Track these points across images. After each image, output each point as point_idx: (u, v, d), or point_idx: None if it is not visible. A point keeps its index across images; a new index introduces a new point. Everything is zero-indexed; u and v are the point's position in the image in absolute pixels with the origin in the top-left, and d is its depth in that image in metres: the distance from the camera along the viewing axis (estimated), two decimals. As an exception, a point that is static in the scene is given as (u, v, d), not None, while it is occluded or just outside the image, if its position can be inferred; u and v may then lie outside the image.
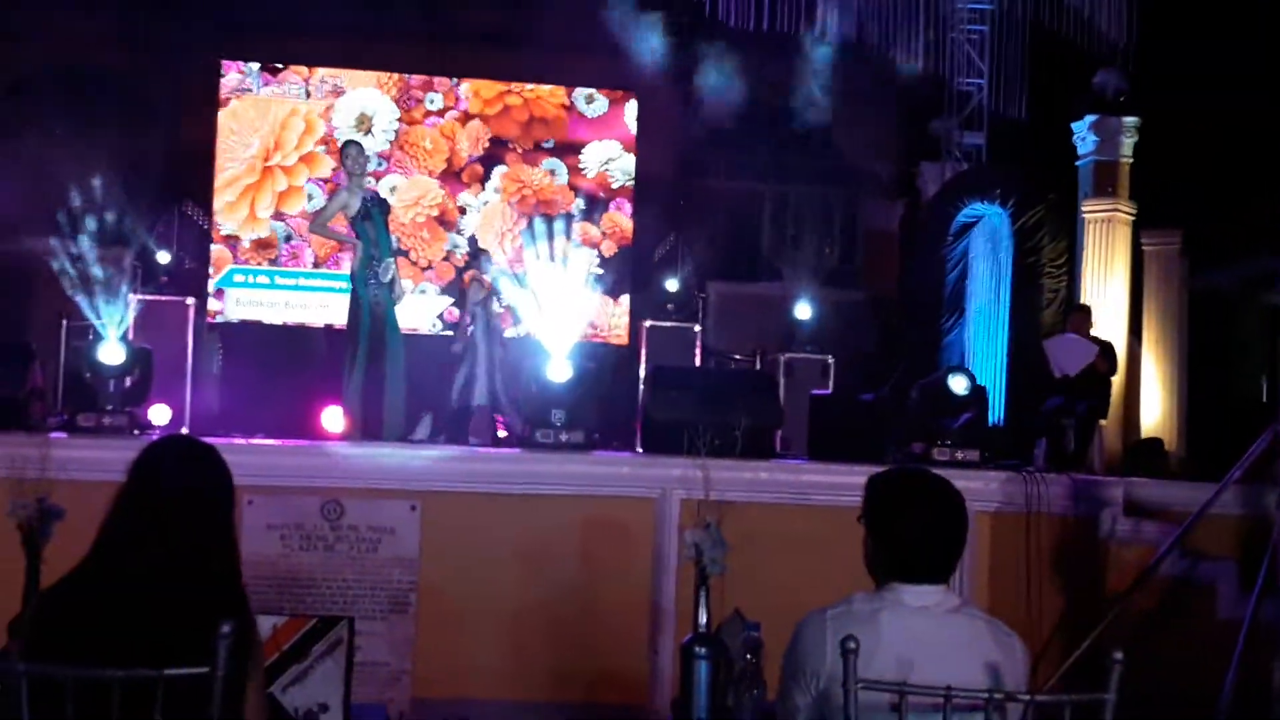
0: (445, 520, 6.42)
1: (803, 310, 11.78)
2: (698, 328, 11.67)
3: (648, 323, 11.66)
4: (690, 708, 4.31)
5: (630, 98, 13.42)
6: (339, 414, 7.71)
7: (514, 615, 6.45)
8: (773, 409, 8.04)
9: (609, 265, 13.24)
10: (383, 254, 8.23)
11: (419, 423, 9.30)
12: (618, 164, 13.40)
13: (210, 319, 12.30)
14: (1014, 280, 11.74)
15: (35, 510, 4.41)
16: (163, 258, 11.23)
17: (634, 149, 13.47)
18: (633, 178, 13.45)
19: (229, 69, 12.95)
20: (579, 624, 6.40)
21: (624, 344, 12.93)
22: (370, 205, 8.27)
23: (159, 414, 7.98)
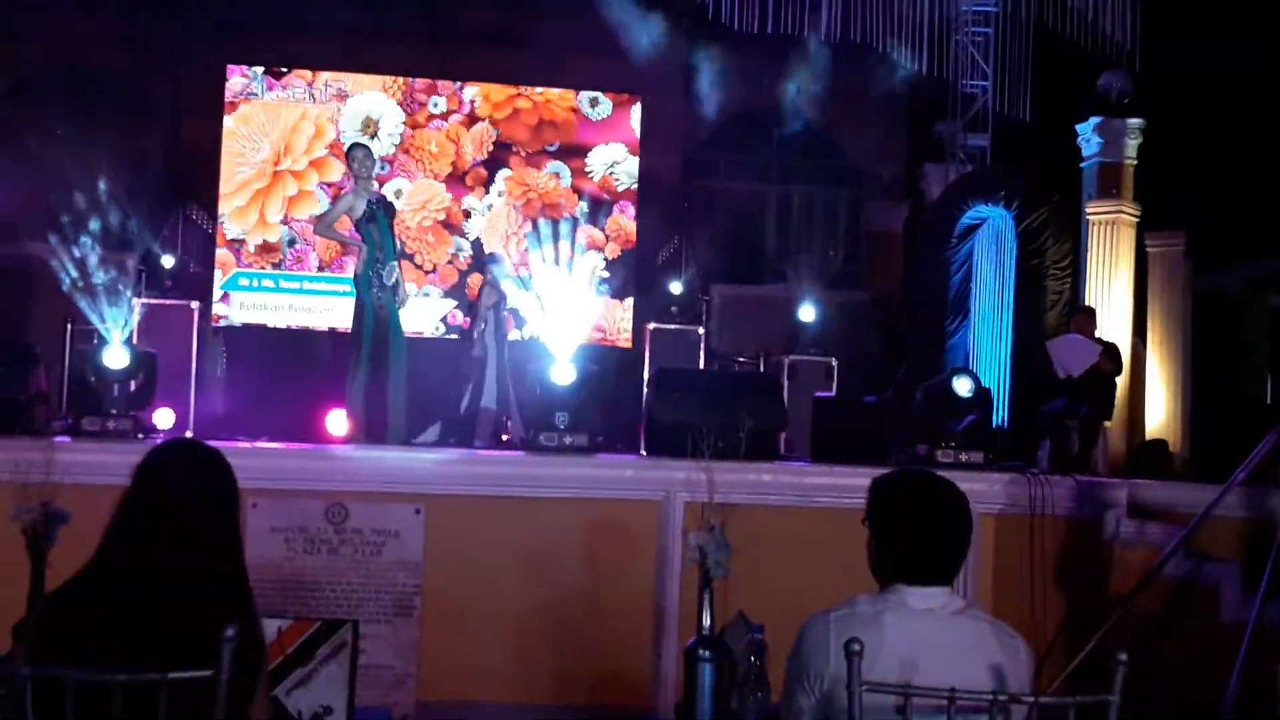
0: (449, 523, 6.42)
1: (806, 312, 11.78)
2: (701, 330, 11.67)
3: (651, 325, 11.66)
4: (694, 710, 4.32)
5: (635, 101, 13.42)
6: (343, 417, 7.72)
7: (518, 618, 6.44)
8: (776, 411, 8.04)
9: (613, 268, 13.25)
10: (387, 257, 8.23)
11: (427, 430, 9.30)
12: (623, 167, 13.40)
13: (214, 322, 12.31)
14: (1018, 282, 11.71)
15: (40, 514, 4.43)
16: (167, 261, 11.24)
17: (637, 152, 13.47)
18: (636, 180, 13.45)
19: (233, 73, 12.95)
20: (583, 627, 6.40)
21: (628, 346, 12.93)
22: (375, 208, 8.27)
23: (163, 418, 7.99)
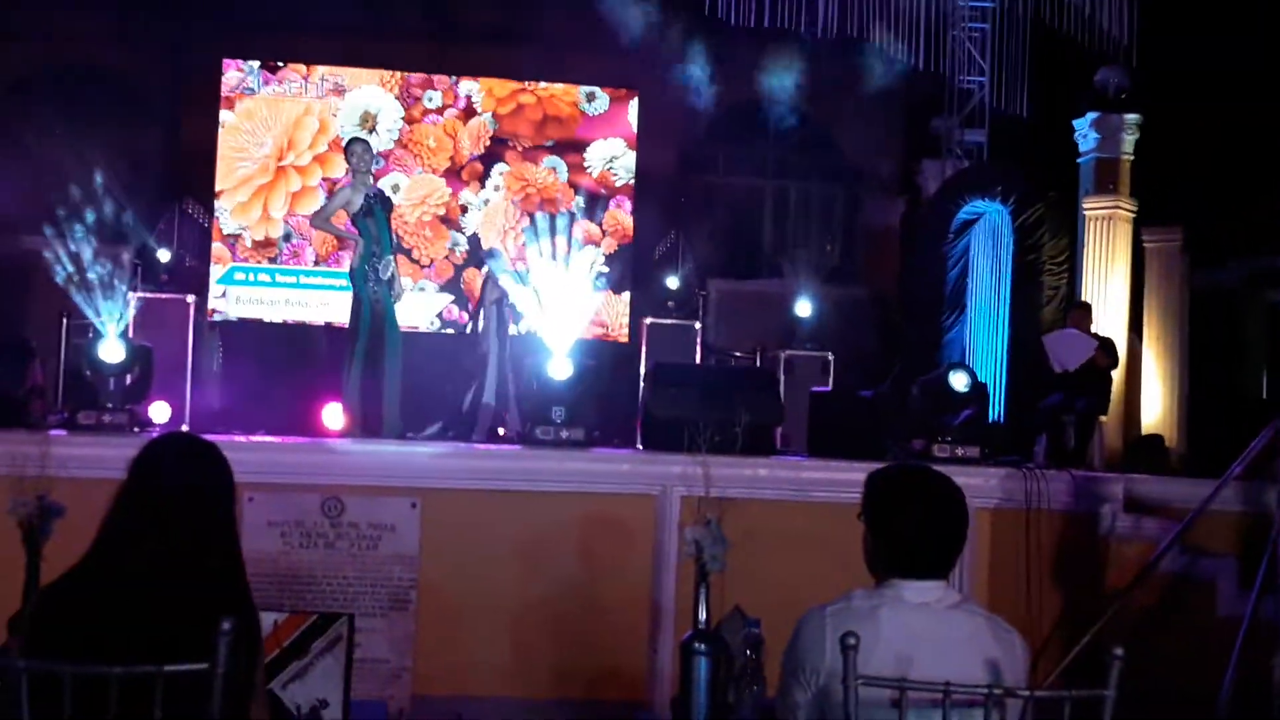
0: (445, 517, 6.42)
1: (803, 307, 11.77)
2: (698, 325, 11.67)
3: (648, 320, 11.66)
4: (690, 705, 4.31)
5: (632, 96, 13.39)
6: (339, 411, 7.71)
7: (514, 612, 6.45)
8: (773, 406, 8.04)
9: (610, 263, 13.24)
10: (384, 251, 8.22)
11: (429, 427, 9.27)
12: (621, 162, 13.37)
13: (210, 317, 12.29)
14: (1014, 277, 11.72)
15: (35, 508, 4.41)
16: (163, 256, 11.24)
17: (634, 146, 13.45)
18: (633, 175, 13.43)
19: (228, 67, 12.92)
20: (579, 621, 6.40)
21: (624, 341, 12.92)
22: (373, 202, 8.26)
23: (159, 411, 7.98)
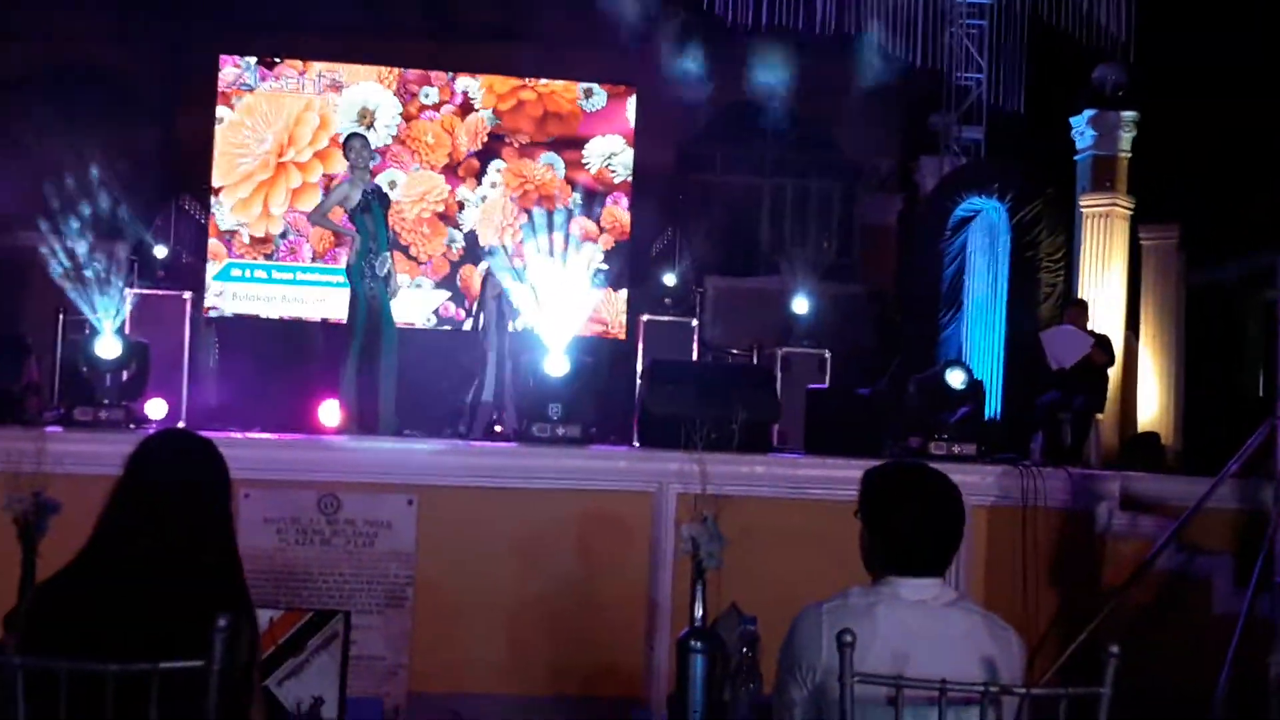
0: (442, 514, 6.41)
1: (800, 304, 11.78)
2: (695, 322, 11.67)
3: (645, 317, 11.65)
4: (686, 702, 4.32)
5: (630, 93, 13.37)
6: (335, 407, 7.71)
7: (510, 609, 6.44)
8: (770, 403, 8.04)
9: (608, 259, 13.22)
10: (380, 247, 8.21)
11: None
12: (620, 159, 13.35)
13: (206, 313, 12.26)
14: (1011, 275, 11.72)
15: (31, 504, 4.42)
16: (159, 252, 11.23)
17: (632, 143, 13.43)
18: (631, 172, 13.41)
19: (225, 63, 12.88)
20: (576, 618, 6.40)
21: (622, 338, 12.91)
22: (371, 198, 8.25)
23: (155, 408, 7.98)
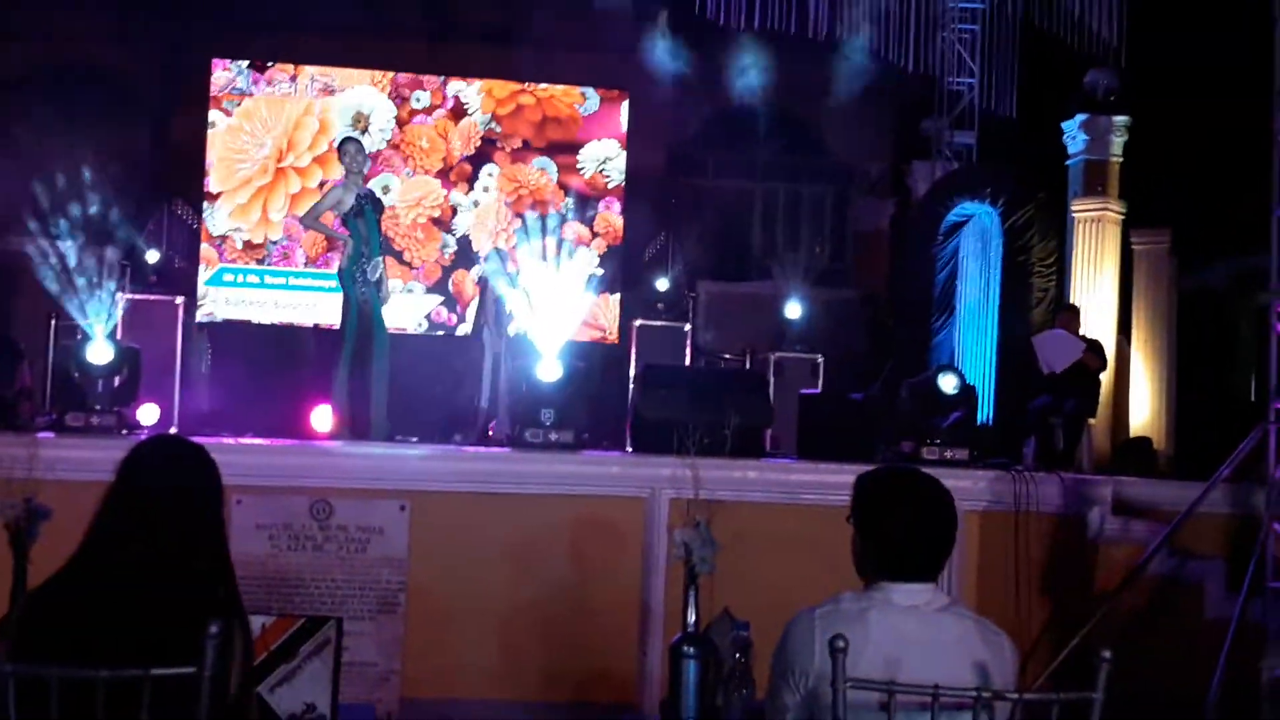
0: (434, 520, 6.41)
1: (793, 309, 11.78)
2: (688, 327, 11.66)
3: (638, 322, 11.64)
4: (679, 707, 4.31)
5: (624, 97, 13.35)
6: (328, 413, 7.69)
7: (503, 615, 6.44)
8: (762, 408, 8.04)
9: (601, 264, 13.20)
10: (373, 252, 8.21)
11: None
12: (614, 164, 13.33)
13: (197, 318, 12.22)
14: (1004, 279, 11.73)
15: (22, 510, 4.41)
16: (151, 257, 11.20)
17: (625, 147, 13.42)
18: (624, 176, 13.40)
19: (217, 67, 12.85)
20: (568, 624, 6.39)
21: (614, 343, 12.90)
22: (364, 202, 8.25)
23: (147, 414, 7.96)
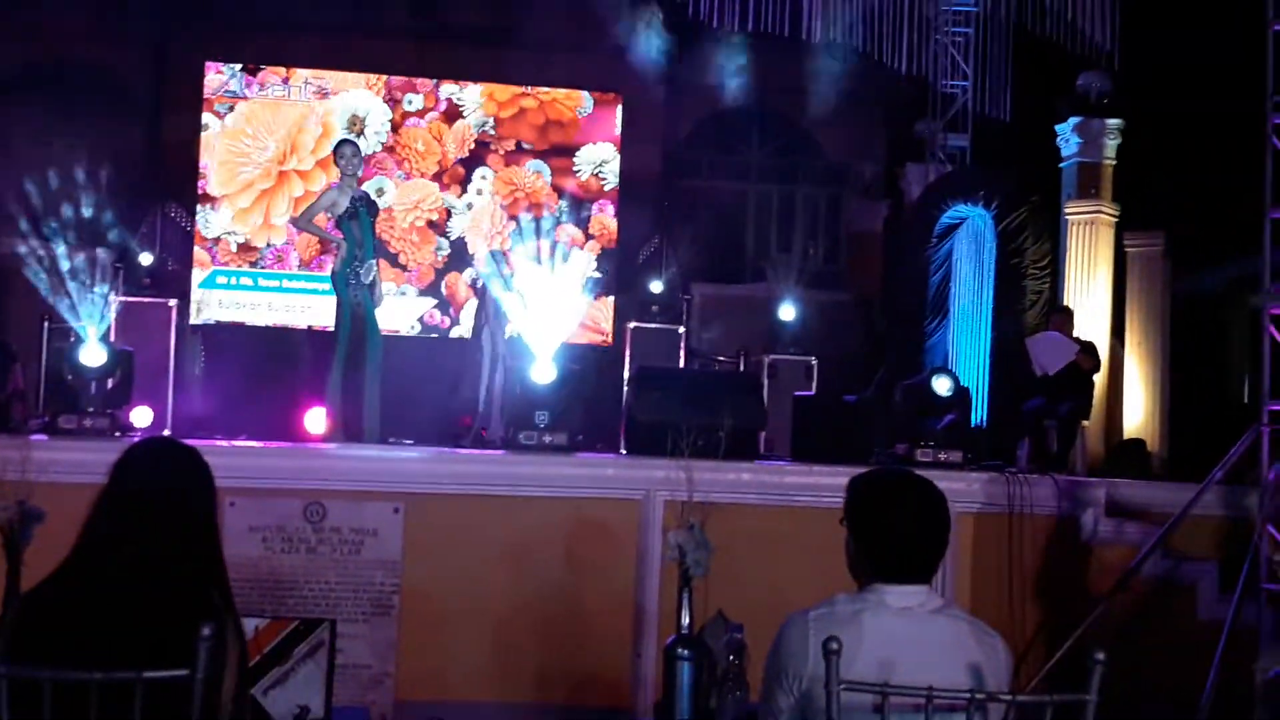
0: (428, 522, 6.40)
1: (787, 311, 11.78)
2: (682, 329, 11.66)
3: (632, 324, 11.64)
4: (673, 710, 4.31)
5: (618, 100, 13.36)
6: (322, 415, 7.68)
7: (497, 617, 6.43)
8: (756, 410, 8.04)
9: (597, 266, 13.20)
10: (366, 255, 8.20)
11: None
12: (610, 166, 13.33)
13: (192, 320, 12.21)
14: (997, 282, 11.74)
15: (15, 512, 4.40)
16: (145, 259, 11.18)
17: (619, 149, 13.42)
18: (618, 177, 13.40)
19: (210, 70, 12.84)
20: (562, 626, 6.39)
21: (608, 345, 12.90)
22: (359, 205, 8.25)
23: (141, 416, 7.95)
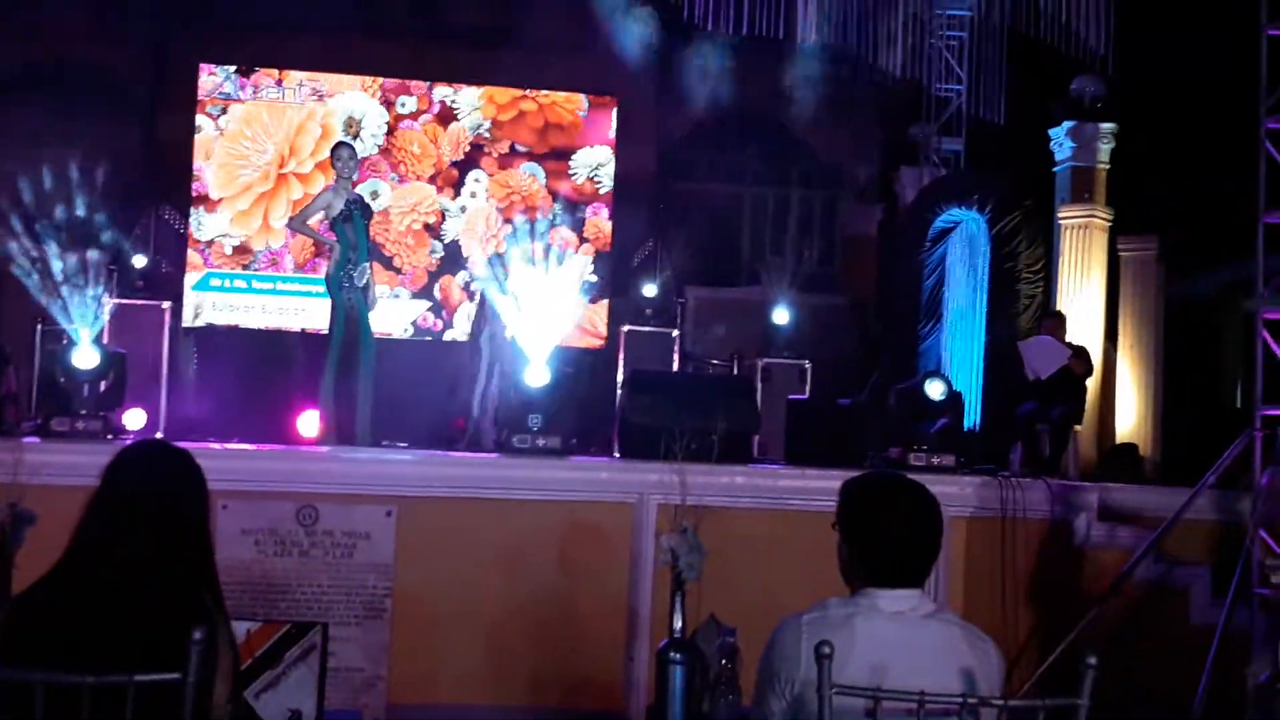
0: (421, 525, 6.40)
1: (780, 315, 11.77)
2: (676, 332, 11.65)
3: (626, 327, 11.63)
4: (666, 713, 4.31)
5: (613, 103, 13.34)
6: (314, 418, 7.68)
7: (490, 621, 6.43)
8: (750, 414, 8.04)
9: (592, 270, 13.18)
10: (360, 258, 8.21)
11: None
12: (606, 170, 13.32)
13: (185, 323, 12.18)
14: (991, 286, 11.75)
15: (7, 515, 4.39)
16: (138, 261, 11.16)
17: (614, 152, 13.40)
18: (612, 180, 13.38)
19: (204, 72, 12.81)
20: (555, 630, 6.39)
21: (602, 348, 12.88)
22: (353, 208, 8.26)
23: (134, 419, 7.94)
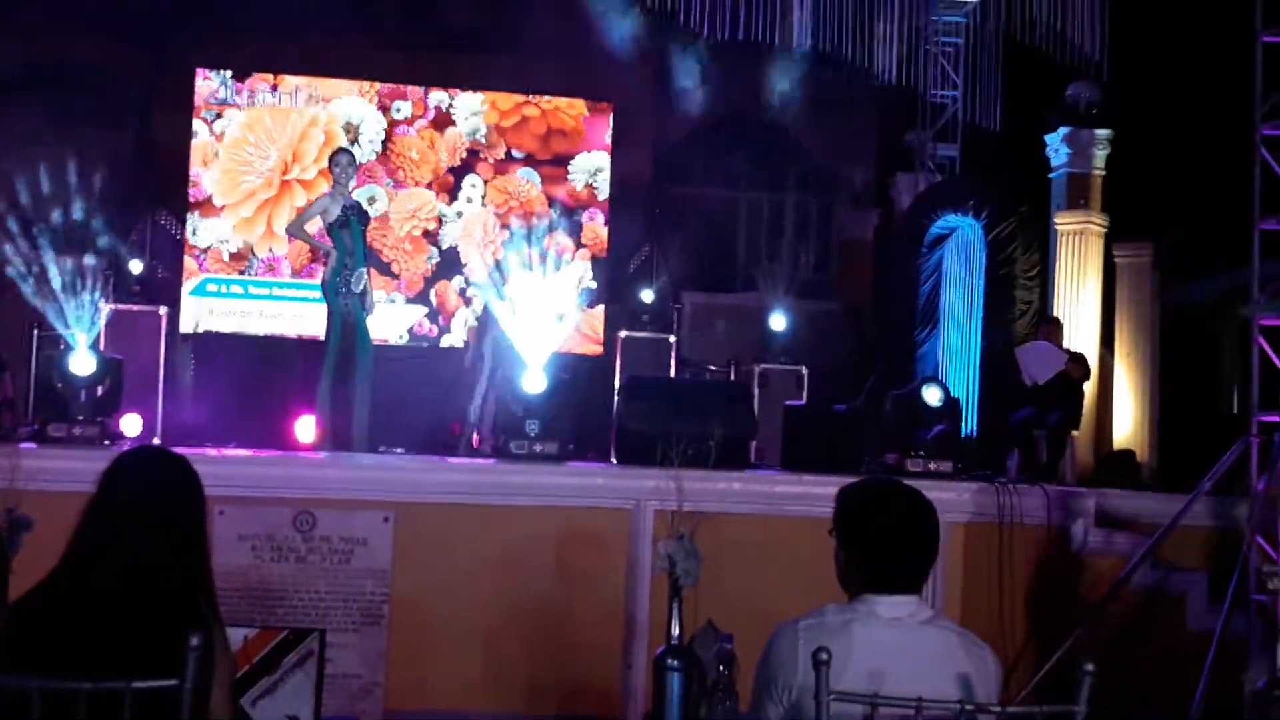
0: (418, 531, 6.39)
1: (777, 321, 11.76)
2: (672, 338, 11.64)
3: (623, 333, 11.62)
4: (663, 720, 4.30)
5: (609, 108, 13.35)
6: (311, 424, 7.67)
7: (487, 627, 6.42)
8: (747, 420, 8.04)
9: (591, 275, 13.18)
10: (357, 264, 8.21)
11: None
12: (604, 175, 13.31)
13: (182, 328, 12.17)
14: (987, 292, 11.77)
15: (4, 520, 4.39)
16: (135, 267, 11.14)
17: (610, 157, 13.41)
18: (609, 186, 13.39)
19: (200, 76, 12.80)
20: (552, 636, 6.38)
21: (599, 354, 12.87)
22: (350, 213, 8.26)
23: (130, 424, 7.92)
